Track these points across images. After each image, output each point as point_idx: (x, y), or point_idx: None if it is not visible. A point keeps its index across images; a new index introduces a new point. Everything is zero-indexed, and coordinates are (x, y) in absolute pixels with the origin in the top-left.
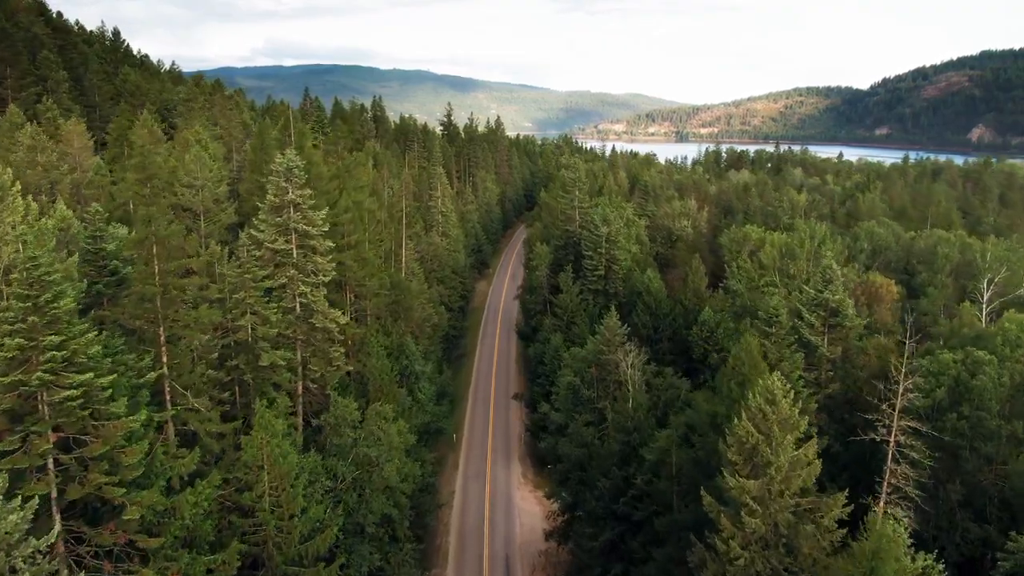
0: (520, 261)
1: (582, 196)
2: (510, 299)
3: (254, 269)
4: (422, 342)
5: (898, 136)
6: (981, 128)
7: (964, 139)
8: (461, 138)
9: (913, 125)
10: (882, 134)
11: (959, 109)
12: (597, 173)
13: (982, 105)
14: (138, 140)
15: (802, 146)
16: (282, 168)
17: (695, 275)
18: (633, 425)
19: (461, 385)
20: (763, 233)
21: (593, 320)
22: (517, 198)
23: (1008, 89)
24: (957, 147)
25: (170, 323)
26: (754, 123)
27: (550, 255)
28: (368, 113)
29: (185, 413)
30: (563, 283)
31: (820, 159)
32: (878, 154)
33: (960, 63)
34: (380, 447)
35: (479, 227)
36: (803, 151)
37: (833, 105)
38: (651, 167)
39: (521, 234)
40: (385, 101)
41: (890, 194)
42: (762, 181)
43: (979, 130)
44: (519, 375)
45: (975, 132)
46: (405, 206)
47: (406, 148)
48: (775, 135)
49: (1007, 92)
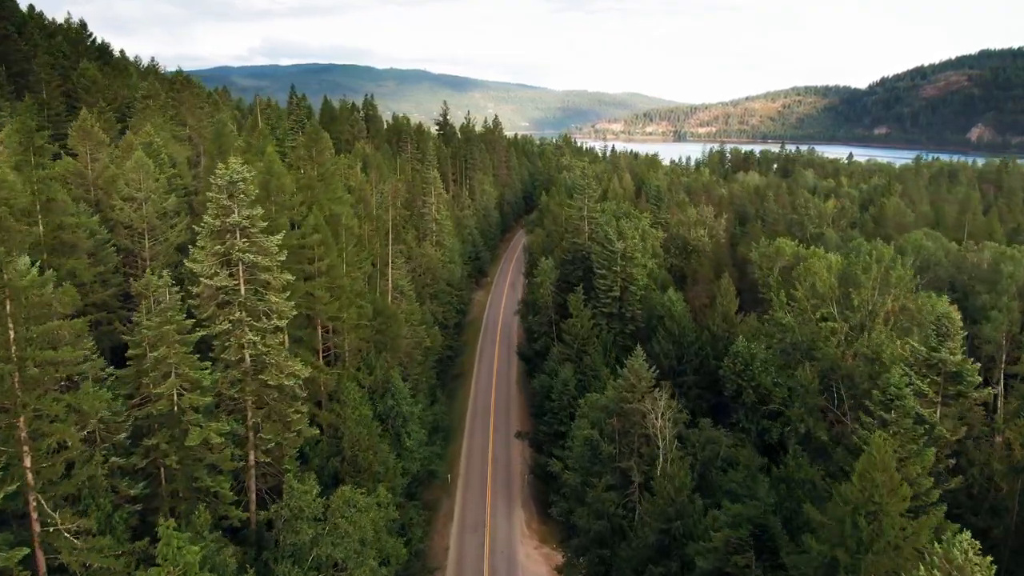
0: (520, 268)
1: (592, 205)
2: (510, 312)
3: (177, 318)
4: (412, 370)
5: (897, 136)
6: (980, 127)
7: (963, 138)
8: (457, 138)
9: (912, 124)
10: (881, 134)
11: (958, 108)
12: (600, 175)
13: (981, 104)
14: (76, 144)
15: (808, 146)
16: (223, 181)
17: (725, 297)
18: (674, 510)
19: (456, 414)
20: (796, 247)
21: (607, 349)
22: (516, 200)
23: (1007, 88)
24: (957, 147)
25: (33, 413)
26: (752, 123)
27: (555, 271)
28: (360, 112)
29: (57, 540)
30: (573, 306)
31: (828, 160)
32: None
33: (959, 62)
34: (348, 545)
35: (476, 233)
36: (809, 151)
37: (831, 105)
38: (657, 169)
39: (520, 239)
40: (382, 100)
41: (910, 198)
42: (774, 184)
43: (978, 129)
44: (521, 403)
45: (974, 131)
46: (394, 216)
47: (399, 149)
48: (773, 135)
49: (1006, 91)
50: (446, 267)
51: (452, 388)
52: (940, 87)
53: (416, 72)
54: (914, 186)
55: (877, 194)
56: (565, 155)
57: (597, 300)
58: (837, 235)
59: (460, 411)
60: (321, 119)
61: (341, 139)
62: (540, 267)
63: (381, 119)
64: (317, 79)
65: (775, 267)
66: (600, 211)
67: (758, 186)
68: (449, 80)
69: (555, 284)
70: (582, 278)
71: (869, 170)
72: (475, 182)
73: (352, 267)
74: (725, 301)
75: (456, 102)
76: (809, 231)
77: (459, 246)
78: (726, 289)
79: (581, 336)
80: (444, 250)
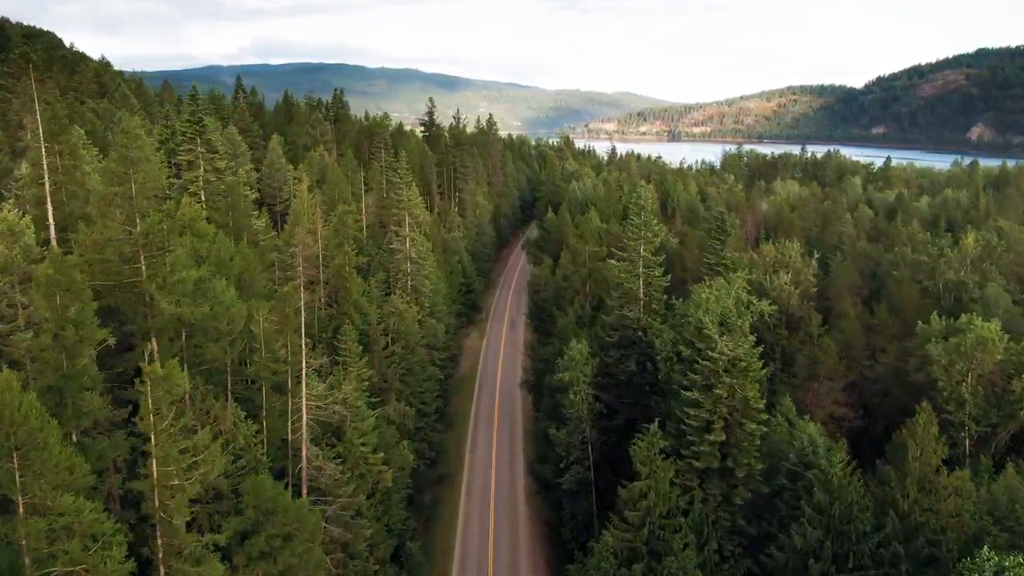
0: (520, 298)
1: (651, 257)
2: (510, 368)
3: None
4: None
5: (895, 135)
6: (981, 127)
7: (963, 138)
8: (445, 141)
9: (910, 124)
10: (879, 133)
11: (957, 108)
12: (612, 184)
13: (980, 104)
14: None
15: (801, 145)
16: None
17: (923, 448)
18: None
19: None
20: (995, 337)
21: (703, 536)
22: (513, 211)
23: (1007, 87)
24: (957, 146)
25: None
26: (747, 122)
27: (589, 363)
28: (322, 112)
29: None
30: (640, 457)
31: (858, 163)
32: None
33: (956, 61)
34: None
35: (468, 260)
36: (835, 153)
37: (827, 104)
38: (686, 178)
39: (520, 256)
40: (373, 100)
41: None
42: (818, 195)
43: (979, 129)
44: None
45: (975, 131)
46: (341, 268)
47: (372, 156)
48: (769, 134)
49: (1006, 90)
50: (425, 325)
51: (429, 517)
52: (938, 86)
53: (408, 71)
54: (1018, 198)
55: (978, 212)
56: (568, 159)
57: (680, 440)
58: (1007, 295)
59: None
60: (274, 118)
61: (298, 144)
62: (569, 354)
63: (355, 120)
64: (307, 79)
65: (965, 367)
66: (660, 271)
67: (802, 198)
68: (441, 79)
69: (593, 381)
70: (637, 377)
71: (910, 176)
72: (466, 194)
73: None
74: (928, 453)
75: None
76: (968, 291)
77: (444, 287)
78: (923, 432)
79: (655, 519)
80: (423, 299)
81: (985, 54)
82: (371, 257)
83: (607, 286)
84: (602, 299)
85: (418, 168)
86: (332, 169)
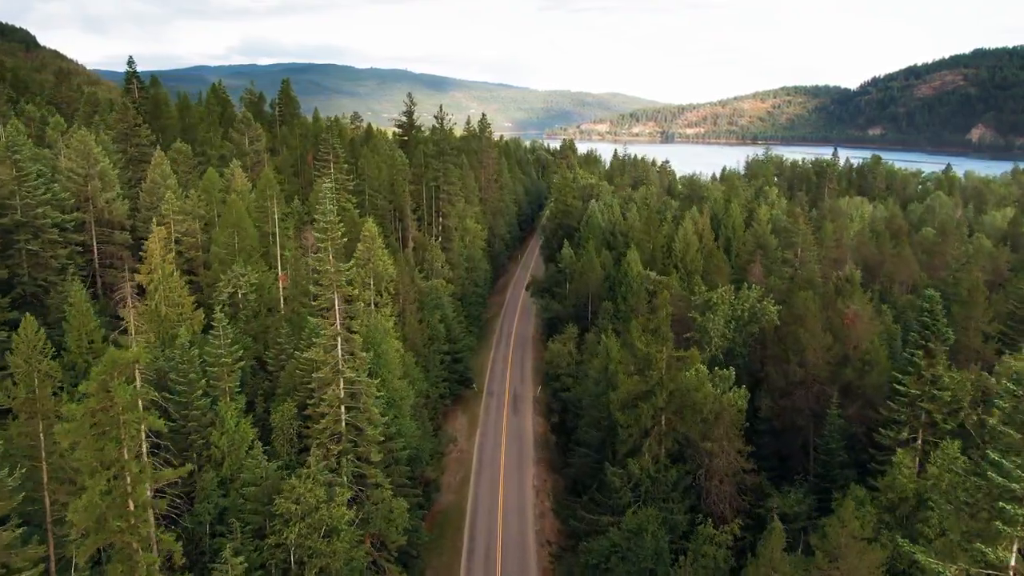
0: (523, 353)
1: None
2: (515, 487)
3: None
4: None
5: (893, 136)
6: (981, 128)
7: (963, 139)
8: (425, 148)
9: (908, 124)
10: (876, 134)
11: (955, 108)
12: (651, 206)
13: (980, 104)
14: None
15: (801, 146)
16: None
17: None
18: None
19: None
20: None
21: None
22: (511, 230)
23: (1006, 88)
24: (957, 147)
25: None
26: (741, 123)
27: None
28: (244, 112)
29: None
30: None
31: (908, 172)
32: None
33: (953, 61)
34: None
35: (453, 315)
36: (874, 159)
37: (822, 105)
38: (727, 195)
39: (520, 283)
40: (363, 101)
41: None
42: (896, 216)
43: (979, 130)
44: None
45: (975, 132)
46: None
47: (319, 172)
48: (764, 135)
49: (1005, 91)
50: (390, 450)
51: None
52: (935, 86)
53: (396, 72)
54: None
55: None
56: (576, 169)
57: None
58: None
59: None
60: (181, 120)
61: (210, 155)
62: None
63: (303, 120)
64: (297, 79)
65: None
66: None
67: (885, 220)
68: (430, 80)
69: None
70: None
71: (977, 186)
72: (452, 220)
73: None
74: None
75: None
76: None
77: (421, 375)
78: None
79: None
80: (367, 467)
81: (982, 54)
82: (270, 378)
83: (697, 416)
84: (688, 440)
85: (388, 186)
86: (240, 198)
